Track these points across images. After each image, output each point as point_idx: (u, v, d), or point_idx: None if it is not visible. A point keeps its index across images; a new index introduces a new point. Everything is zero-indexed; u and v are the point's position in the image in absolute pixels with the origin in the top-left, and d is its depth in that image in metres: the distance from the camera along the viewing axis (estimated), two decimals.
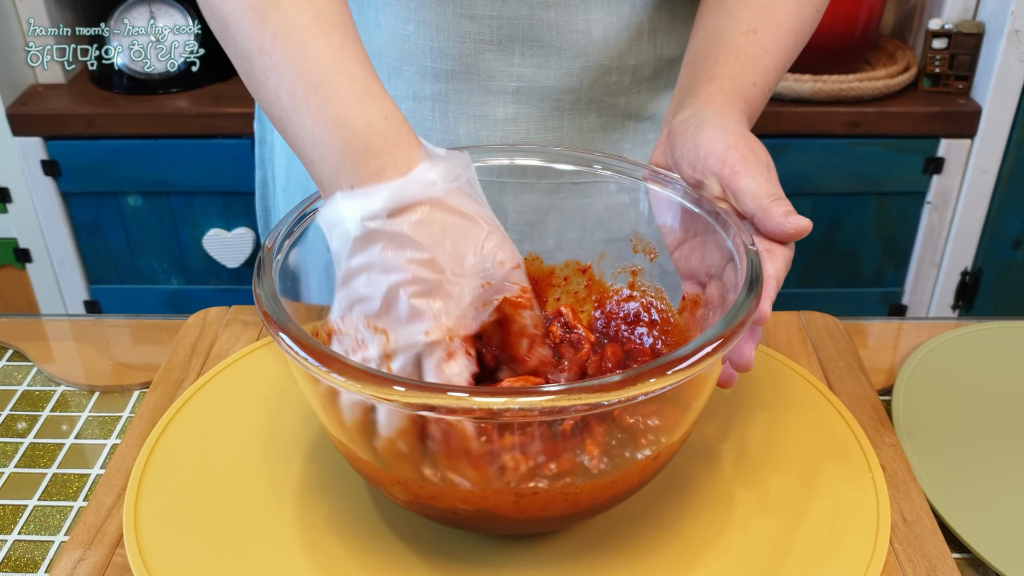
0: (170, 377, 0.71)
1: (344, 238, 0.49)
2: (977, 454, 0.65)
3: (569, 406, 0.44)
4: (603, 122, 0.76)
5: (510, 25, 0.70)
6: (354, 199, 0.49)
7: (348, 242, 0.49)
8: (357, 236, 0.49)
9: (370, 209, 0.48)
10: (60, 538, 0.60)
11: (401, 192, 0.49)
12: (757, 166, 0.55)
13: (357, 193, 0.49)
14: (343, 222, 0.49)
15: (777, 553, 0.55)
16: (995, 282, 1.73)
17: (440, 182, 0.50)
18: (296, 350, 0.47)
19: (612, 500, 0.53)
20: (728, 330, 0.48)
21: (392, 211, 0.48)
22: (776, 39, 0.63)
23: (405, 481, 0.50)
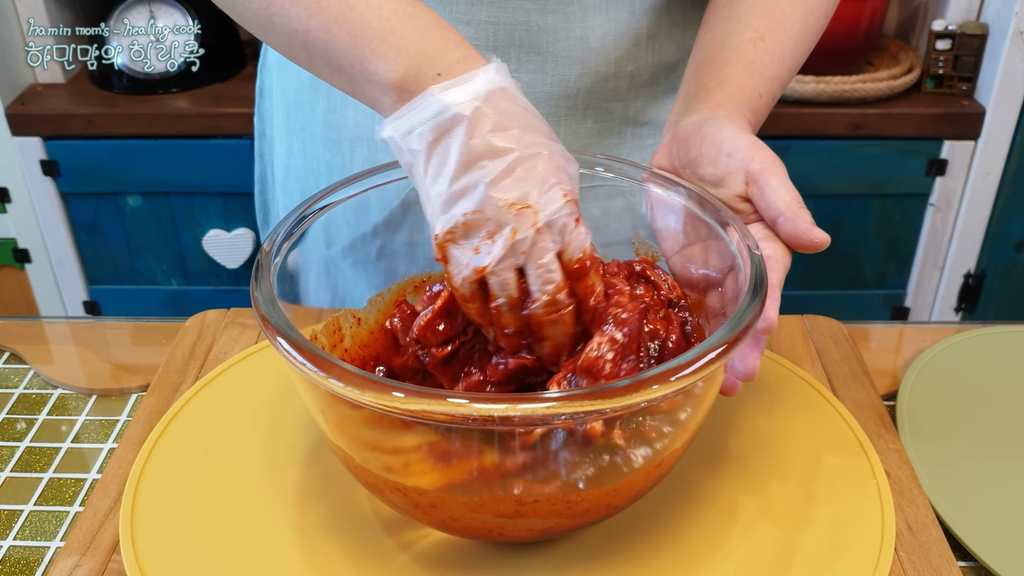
0: (168, 380, 0.71)
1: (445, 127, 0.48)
2: (983, 460, 0.64)
3: (571, 413, 0.43)
4: (600, 128, 0.75)
5: (507, 31, 0.69)
6: (455, 89, 0.48)
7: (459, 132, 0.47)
8: (470, 118, 0.47)
9: (475, 91, 0.47)
10: (56, 544, 0.59)
11: (498, 78, 0.48)
12: (780, 169, 0.56)
13: (455, 81, 0.48)
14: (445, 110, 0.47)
15: (780, 561, 0.55)
16: (998, 285, 1.72)
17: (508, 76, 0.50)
18: (294, 355, 0.46)
19: (614, 507, 0.52)
20: (732, 335, 0.47)
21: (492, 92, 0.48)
22: (783, 47, 0.63)
23: (404, 488, 0.50)
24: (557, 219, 0.48)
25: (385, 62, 0.48)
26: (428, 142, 0.48)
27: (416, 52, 0.48)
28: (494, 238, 0.48)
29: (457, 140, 0.47)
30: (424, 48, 0.48)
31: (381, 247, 0.65)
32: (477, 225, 0.48)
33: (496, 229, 0.48)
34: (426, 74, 0.48)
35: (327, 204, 0.58)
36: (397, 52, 0.48)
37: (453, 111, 0.47)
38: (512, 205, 0.48)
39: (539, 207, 0.48)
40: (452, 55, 0.48)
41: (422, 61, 0.48)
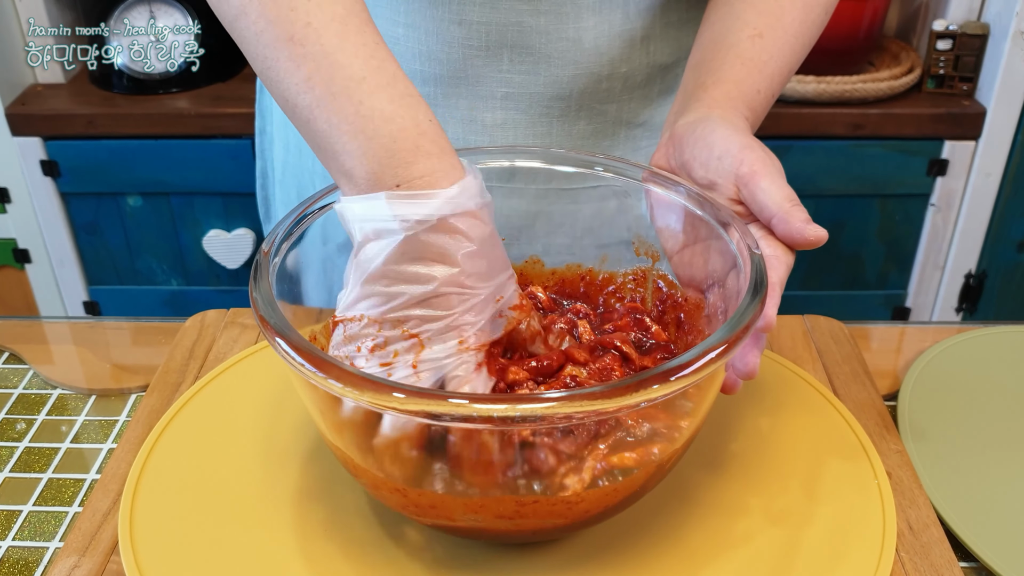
0: (167, 380, 0.70)
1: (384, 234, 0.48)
2: (984, 461, 0.64)
3: (571, 413, 0.43)
4: (593, 129, 0.75)
5: (499, 31, 0.69)
6: (405, 201, 0.48)
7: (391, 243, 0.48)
8: (406, 238, 0.47)
9: (423, 213, 0.47)
10: (55, 544, 0.59)
11: (455, 202, 0.48)
12: (774, 169, 0.55)
13: (408, 195, 0.48)
14: (388, 222, 0.48)
15: (781, 561, 0.55)
16: (999, 285, 1.72)
17: (478, 196, 0.49)
18: (293, 355, 0.46)
19: (614, 508, 0.52)
20: (732, 335, 0.47)
21: (443, 219, 0.48)
22: (783, 44, 0.63)
23: (403, 489, 0.49)
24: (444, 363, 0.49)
25: (352, 159, 0.49)
26: (365, 236, 0.49)
27: (382, 158, 0.48)
28: (375, 352, 0.50)
29: (384, 254, 0.48)
30: (391, 156, 0.48)
31: None
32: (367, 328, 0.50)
33: (382, 345, 0.49)
34: (386, 181, 0.48)
35: (326, 204, 0.58)
36: (363, 153, 0.48)
37: (392, 225, 0.47)
38: (404, 332, 0.49)
39: (428, 345, 0.49)
40: (418, 168, 0.48)
41: (385, 168, 0.48)
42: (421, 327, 0.49)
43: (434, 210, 0.47)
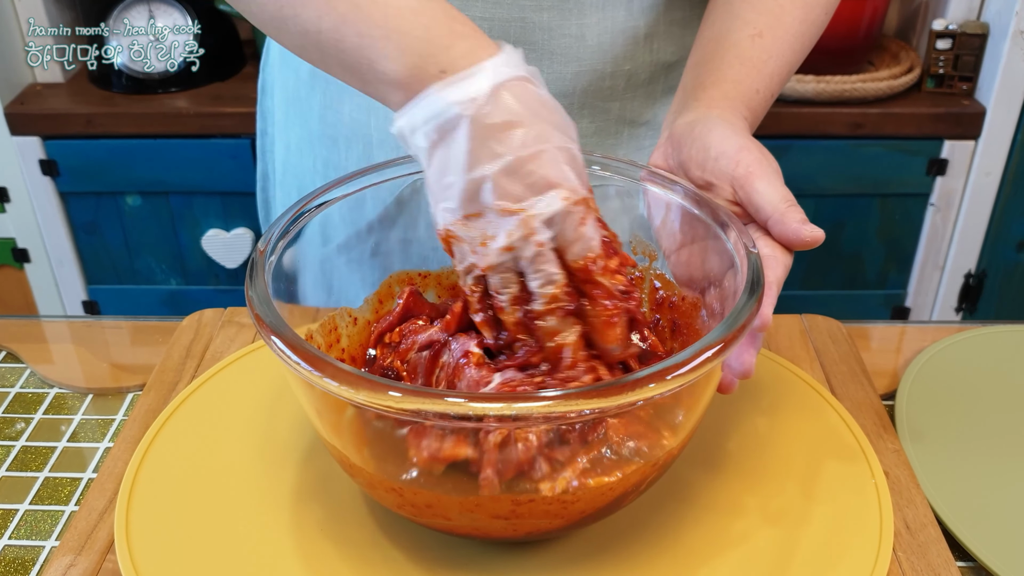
0: (164, 380, 0.70)
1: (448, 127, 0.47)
2: (982, 460, 0.64)
3: (567, 411, 0.43)
4: (597, 127, 0.75)
5: (502, 27, 0.69)
6: (456, 85, 0.47)
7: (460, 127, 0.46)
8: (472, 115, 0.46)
9: (477, 89, 0.46)
10: (51, 543, 0.59)
11: (505, 70, 0.47)
12: (770, 169, 0.55)
13: (456, 77, 0.47)
14: (445, 110, 0.46)
15: (778, 560, 0.55)
16: (999, 285, 1.72)
17: (523, 64, 0.48)
18: (288, 354, 0.46)
19: (610, 507, 0.52)
20: (729, 334, 0.47)
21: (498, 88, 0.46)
22: (782, 44, 0.63)
23: (399, 488, 0.49)
24: (554, 221, 0.48)
25: (391, 61, 0.48)
26: (432, 141, 0.48)
27: (420, 49, 0.47)
28: (487, 242, 0.48)
29: (458, 141, 0.47)
30: (428, 44, 0.47)
31: (376, 244, 0.65)
32: (475, 226, 0.48)
33: (492, 232, 0.48)
34: (430, 71, 0.47)
35: (323, 203, 0.58)
36: (401, 51, 0.48)
37: (454, 111, 0.46)
38: (506, 209, 0.47)
39: (535, 211, 0.47)
40: (457, 49, 0.48)
41: (426, 58, 0.47)
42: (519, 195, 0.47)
43: (488, 82, 0.47)
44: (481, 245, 0.49)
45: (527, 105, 0.47)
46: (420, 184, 0.61)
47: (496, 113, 0.47)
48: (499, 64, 0.47)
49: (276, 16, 0.51)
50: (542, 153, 0.47)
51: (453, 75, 0.47)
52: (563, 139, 0.48)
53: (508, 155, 0.47)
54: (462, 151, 0.47)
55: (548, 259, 0.49)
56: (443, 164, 0.48)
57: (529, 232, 0.48)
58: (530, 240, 0.48)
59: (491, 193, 0.47)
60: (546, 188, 0.47)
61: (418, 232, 0.64)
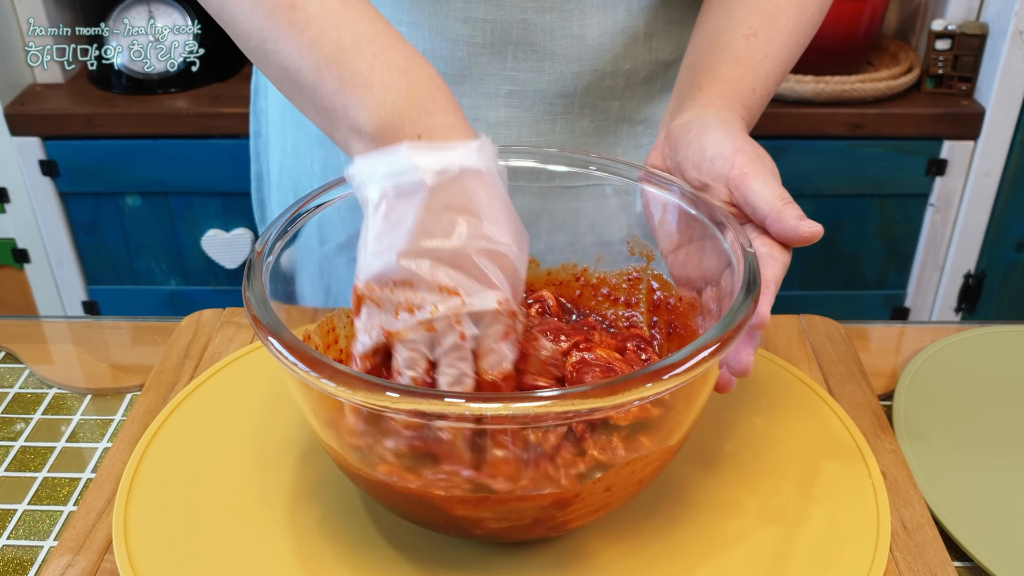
0: (162, 380, 0.70)
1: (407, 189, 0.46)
2: (979, 460, 0.64)
3: (564, 411, 0.43)
4: (596, 126, 0.75)
5: (503, 29, 0.69)
6: (429, 152, 0.46)
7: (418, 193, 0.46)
8: (433, 186, 0.46)
9: (447, 163, 0.46)
10: (49, 543, 0.59)
11: (479, 156, 0.47)
12: (765, 169, 0.55)
13: (432, 145, 0.46)
14: (411, 171, 0.46)
15: (776, 560, 0.55)
16: (998, 285, 1.72)
17: (496, 159, 0.48)
18: (286, 355, 0.46)
19: (607, 507, 0.52)
20: (725, 333, 0.47)
21: (466, 171, 0.46)
22: (777, 43, 0.63)
23: (396, 488, 0.49)
24: (482, 320, 0.48)
25: (367, 112, 0.47)
26: (385, 197, 0.47)
27: (400, 108, 0.47)
28: (412, 311, 0.48)
29: (413, 206, 0.46)
30: (410, 107, 0.47)
31: None
32: (402, 291, 0.48)
33: (419, 304, 0.47)
34: (405, 131, 0.47)
35: (320, 203, 0.58)
36: (381, 104, 0.47)
37: (419, 176, 0.46)
38: (443, 288, 0.47)
39: (468, 301, 0.47)
40: (438, 120, 0.47)
41: (404, 119, 0.47)
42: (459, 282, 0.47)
43: (459, 161, 0.46)
44: (406, 311, 0.48)
45: (493, 200, 0.47)
46: None
47: (461, 194, 0.46)
48: (474, 150, 0.47)
49: (259, 48, 0.51)
50: (493, 253, 0.47)
51: (428, 141, 0.47)
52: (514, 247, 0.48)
53: (461, 239, 0.46)
54: (415, 217, 0.46)
55: (465, 356, 0.48)
56: (390, 223, 0.47)
57: (456, 320, 0.47)
58: (455, 328, 0.47)
59: (433, 268, 0.47)
60: (486, 287, 0.47)
61: None
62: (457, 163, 0.46)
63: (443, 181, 0.46)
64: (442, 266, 0.47)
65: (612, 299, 0.66)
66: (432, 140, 0.47)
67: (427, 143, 0.47)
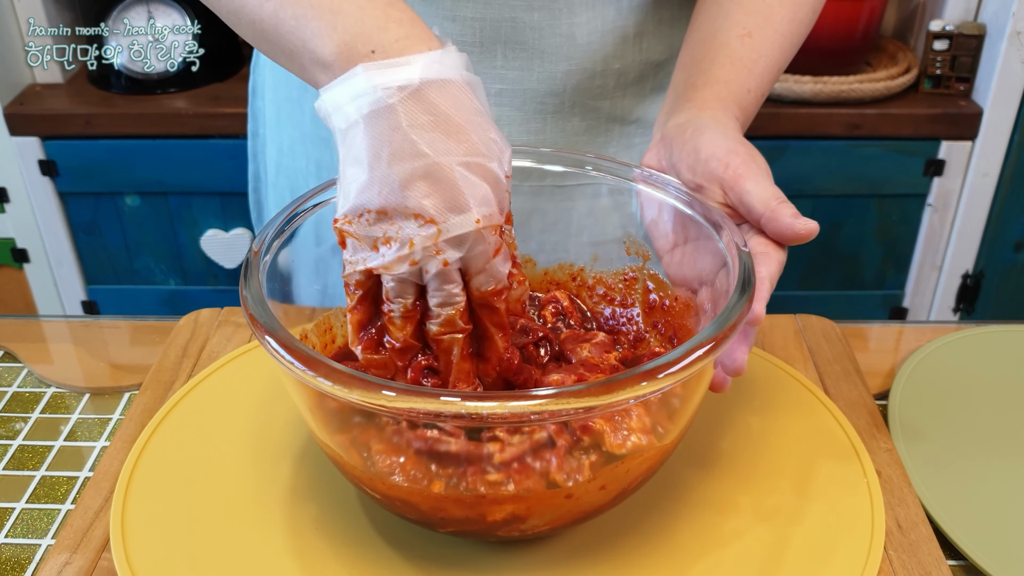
0: (160, 379, 0.71)
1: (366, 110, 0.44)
2: (974, 460, 0.64)
3: (559, 410, 0.43)
4: (587, 125, 0.75)
5: (492, 27, 0.69)
6: (384, 69, 0.45)
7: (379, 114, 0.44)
8: (394, 103, 0.44)
9: (404, 77, 0.44)
10: (47, 541, 0.59)
11: (436, 66, 0.45)
12: (759, 170, 0.55)
13: (387, 63, 0.45)
14: (370, 92, 0.44)
15: (771, 559, 0.55)
16: (996, 285, 1.72)
17: (464, 69, 0.47)
18: (282, 354, 0.46)
19: (603, 506, 0.52)
20: (720, 332, 0.47)
21: (427, 82, 0.44)
22: (771, 43, 0.63)
23: (393, 486, 0.50)
24: (464, 243, 0.46)
25: (322, 39, 0.46)
26: (351, 122, 0.45)
27: (352, 27, 0.46)
28: (390, 243, 0.46)
29: (376, 129, 0.45)
30: (361, 24, 0.46)
31: None
32: (378, 223, 0.46)
33: (395, 235, 0.46)
34: (360, 51, 0.46)
35: (317, 203, 0.58)
36: (333, 28, 0.46)
37: (379, 95, 0.44)
38: (418, 216, 0.45)
39: (445, 227, 0.45)
40: (392, 33, 0.46)
41: (357, 37, 0.46)
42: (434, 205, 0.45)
43: (419, 73, 0.44)
44: (384, 244, 0.46)
45: (460, 111, 0.45)
46: None
47: (425, 110, 0.44)
48: (434, 60, 0.45)
49: (231, 9, 0.52)
50: (468, 166, 0.45)
51: (384, 59, 0.45)
52: (492, 157, 0.46)
53: (430, 158, 0.44)
54: (380, 142, 0.44)
55: (453, 279, 0.47)
56: (359, 150, 0.45)
57: (437, 249, 0.46)
58: (436, 257, 0.46)
59: (403, 195, 0.45)
60: (463, 206, 0.45)
61: None
62: (417, 76, 0.45)
63: (404, 97, 0.44)
64: (416, 189, 0.44)
65: (608, 299, 0.66)
66: (388, 56, 0.45)
67: (384, 60, 0.45)
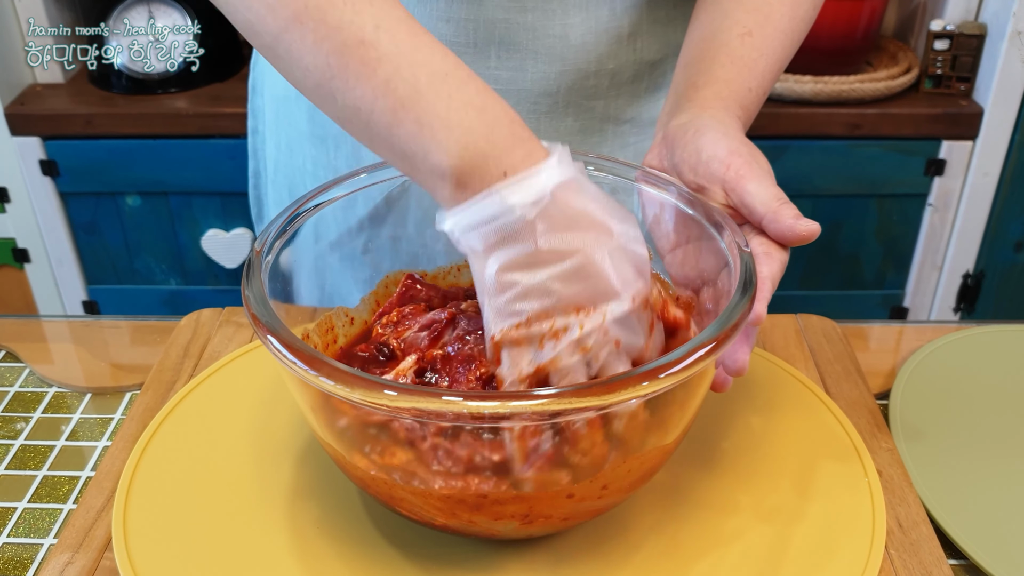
0: (161, 379, 0.71)
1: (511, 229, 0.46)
2: (975, 459, 0.64)
3: (561, 410, 0.43)
4: (581, 125, 0.75)
5: (486, 28, 0.69)
6: (519, 185, 0.46)
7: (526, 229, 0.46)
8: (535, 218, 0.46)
9: (539, 189, 0.46)
10: (49, 541, 0.59)
11: (562, 169, 0.47)
12: (760, 171, 0.55)
13: (519, 178, 0.46)
14: (511, 212, 0.46)
15: (771, 559, 0.55)
16: (997, 285, 1.72)
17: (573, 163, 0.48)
18: (285, 353, 0.46)
19: (605, 505, 0.52)
20: (721, 333, 0.47)
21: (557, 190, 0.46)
22: (772, 41, 0.63)
23: (395, 486, 0.50)
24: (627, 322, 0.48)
25: (448, 156, 0.46)
26: (489, 244, 0.47)
27: (482, 148, 0.46)
28: (559, 337, 0.48)
29: (522, 243, 0.46)
30: (491, 145, 0.46)
31: (366, 242, 0.65)
32: (540, 323, 0.48)
33: (564, 327, 0.48)
34: (491, 172, 0.46)
35: (319, 203, 0.58)
36: (463, 147, 0.46)
37: (518, 213, 0.46)
38: (580, 309, 0.48)
39: (608, 309, 0.48)
40: (518, 152, 0.47)
41: (488, 158, 0.46)
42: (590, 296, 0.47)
43: (550, 183, 0.46)
44: (552, 338, 0.48)
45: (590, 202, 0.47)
46: (409, 183, 0.62)
47: (561, 215, 0.46)
48: (554, 165, 0.47)
49: (322, 86, 0.49)
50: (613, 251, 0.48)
51: (514, 176, 0.46)
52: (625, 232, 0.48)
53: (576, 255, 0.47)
54: (527, 252, 0.46)
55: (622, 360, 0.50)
56: (505, 266, 0.47)
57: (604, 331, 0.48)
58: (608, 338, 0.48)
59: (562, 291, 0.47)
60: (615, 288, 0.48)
61: (407, 230, 0.65)
62: (549, 186, 0.46)
63: (543, 208, 0.46)
64: (571, 287, 0.47)
65: None
66: (517, 174, 0.46)
67: (515, 178, 0.46)
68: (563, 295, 0.47)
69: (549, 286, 0.47)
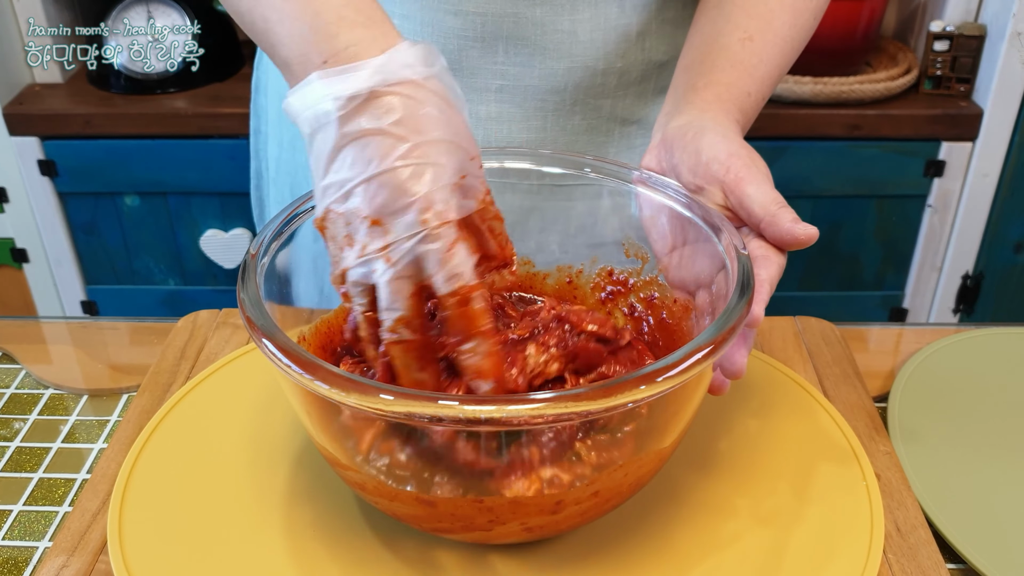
0: (158, 381, 0.71)
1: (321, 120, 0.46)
2: (973, 463, 0.64)
3: (558, 414, 0.43)
4: (588, 124, 0.75)
5: (494, 22, 0.69)
6: (332, 77, 0.45)
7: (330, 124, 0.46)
8: (341, 114, 0.45)
9: (353, 87, 0.45)
10: (44, 544, 0.59)
11: (384, 70, 0.46)
12: (759, 174, 0.55)
13: (335, 71, 0.46)
14: (320, 102, 0.45)
15: (769, 562, 0.55)
16: (996, 286, 1.72)
17: (419, 65, 0.47)
18: (279, 357, 0.46)
19: (601, 509, 0.52)
20: (719, 335, 0.47)
21: (376, 90, 0.45)
22: (772, 47, 0.63)
23: (391, 490, 0.49)
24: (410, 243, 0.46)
25: (284, 47, 0.48)
26: (307, 133, 0.47)
27: (306, 36, 0.47)
28: (352, 245, 0.47)
29: (326, 138, 0.46)
30: (314, 32, 0.47)
31: None
32: (339, 224, 0.47)
33: (352, 237, 0.47)
34: (313, 60, 0.47)
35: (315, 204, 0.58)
36: (291, 36, 0.47)
37: (325, 107, 0.45)
38: (366, 218, 0.46)
39: (391, 228, 0.46)
40: (342, 39, 0.46)
41: (311, 45, 0.47)
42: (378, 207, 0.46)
43: (362, 82, 0.45)
44: (348, 245, 0.47)
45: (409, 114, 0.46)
46: None
47: (369, 119, 0.45)
48: (380, 64, 0.46)
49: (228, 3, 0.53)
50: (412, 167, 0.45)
51: (333, 67, 0.46)
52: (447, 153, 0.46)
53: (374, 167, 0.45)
54: (330, 149, 0.46)
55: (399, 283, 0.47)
56: (315, 156, 0.47)
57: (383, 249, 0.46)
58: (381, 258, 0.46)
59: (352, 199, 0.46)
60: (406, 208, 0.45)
61: None
62: (365, 85, 0.45)
63: (351, 108, 0.45)
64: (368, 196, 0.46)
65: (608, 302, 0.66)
66: (339, 63, 0.46)
67: (335, 69, 0.46)
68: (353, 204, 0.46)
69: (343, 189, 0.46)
